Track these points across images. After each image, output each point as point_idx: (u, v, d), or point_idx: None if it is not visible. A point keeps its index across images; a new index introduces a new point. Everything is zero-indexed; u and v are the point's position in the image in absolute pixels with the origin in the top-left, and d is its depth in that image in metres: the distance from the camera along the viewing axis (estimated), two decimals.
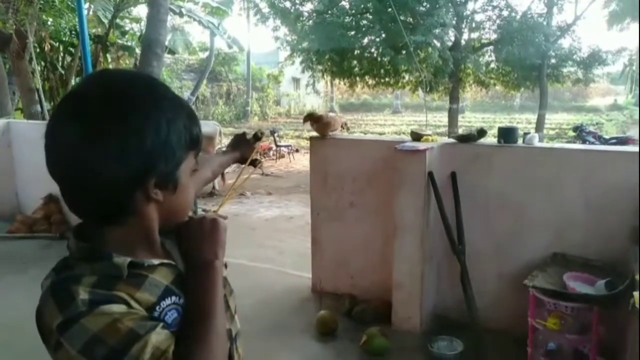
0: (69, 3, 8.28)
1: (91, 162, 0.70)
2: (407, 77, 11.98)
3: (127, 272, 0.73)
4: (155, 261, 0.78)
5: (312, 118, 3.66)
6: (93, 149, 0.69)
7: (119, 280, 0.72)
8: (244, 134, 1.42)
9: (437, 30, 10.29)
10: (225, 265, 0.87)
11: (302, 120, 3.82)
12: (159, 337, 0.69)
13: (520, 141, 3.28)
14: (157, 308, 0.75)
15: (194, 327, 0.75)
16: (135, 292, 0.73)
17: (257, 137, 1.39)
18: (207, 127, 8.00)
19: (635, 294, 2.14)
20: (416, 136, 3.47)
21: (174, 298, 0.78)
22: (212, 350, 0.74)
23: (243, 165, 1.35)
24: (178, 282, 0.80)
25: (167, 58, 16.83)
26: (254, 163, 1.37)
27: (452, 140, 3.51)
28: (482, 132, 3.36)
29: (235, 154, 1.37)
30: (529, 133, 3.31)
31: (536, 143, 3.20)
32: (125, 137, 0.70)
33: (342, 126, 3.85)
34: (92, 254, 0.74)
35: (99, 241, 0.76)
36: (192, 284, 0.80)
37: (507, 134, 3.22)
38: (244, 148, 1.38)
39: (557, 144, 3.87)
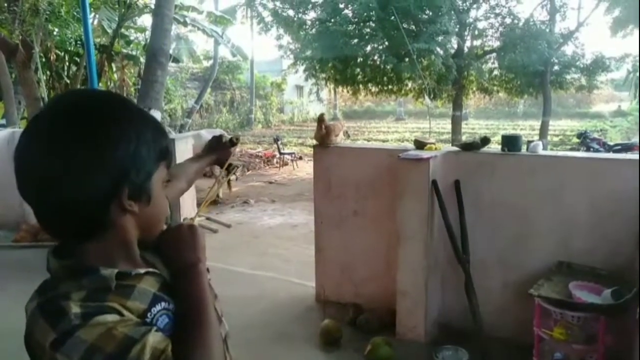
0: (75, 13, 8.36)
1: (62, 181, 0.70)
2: (410, 84, 11.99)
3: (116, 283, 0.74)
4: (142, 270, 0.79)
5: (325, 124, 3.68)
6: (62, 167, 0.70)
7: (108, 292, 0.73)
8: (220, 136, 1.42)
9: (439, 38, 10.32)
10: (207, 270, 0.89)
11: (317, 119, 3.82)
12: (155, 338, 0.70)
13: (524, 149, 3.28)
14: (148, 315, 0.76)
15: (189, 326, 0.77)
16: (126, 302, 0.74)
17: (232, 142, 1.39)
18: (213, 134, 8.02)
19: None
20: (419, 144, 3.47)
21: (163, 304, 0.79)
22: (210, 346, 0.76)
23: (222, 170, 1.36)
24: (164, 289, 0.81)
25: (172, 67, 16.94)
26: (229, 168, 1.37)
27: (455, 148, 3.51)
28: (485, 140, 3.36)
29: (211, 157, 1.37)
30: (532, 141, 3.30)
31: (540, 151, 3.19)
32: (92, 151, 0.71)
33: (343, 133, 3.86)
34: (77, 270, 0.74)
35: (80, 258, 0.76)
36: (181, 288, 0.82)
37: (511, 142, 3.22)
38: (220, 151, 1.38)
39: (561, 152, 3.87)
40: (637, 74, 17.25)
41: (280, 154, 12.52)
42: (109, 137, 0.72)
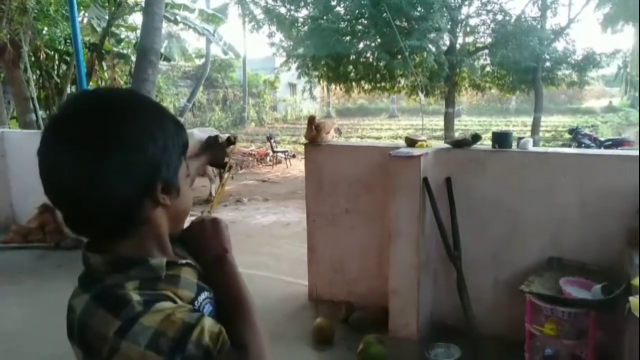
0: (64, 12, 8.27)
1: (100, 184, 0.71)
2: (402, 81, 11.99)
3: (165, 273, 0.77)
4: (183, 260, 0.83)
5: (315, 123, 3.67)
6: (100, 171, 0.71)
7: (159, 281, 0.76)
8: (216, 137, 1.43)
9: (432, 35, 10.32)
10: None
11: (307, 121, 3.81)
12: (209, 322, 0.73)
13: (514, 146, 3.28)
14: (195, 303, 0.79)
15: (234, 310, 0.82)
16: (177, 290, 0.77)
17: (230, 142, 1.41)
18: (205, 133, 8.00)
19: (631, 298, 2.13)
20: (410, 142, 3.46)
21: (206, 293, 0.83)
22: (257, 324, 0.81)
23: (221, 170, 1.38)
24: (202, 279, 0.85)
25: (163, 65, 16.82)
26: (227, 168, 1.40)
27: (446, 145, 3.51)
28: (476, 137, 3.36)
29: (207, 157, 1.39)
30: (523, 137, 3.31)
31: (530, 147, 3.20)
32: (127, 151, 0.72)
33: (335, 130, 3.85)
34: (124, 263, 0.76)
35: (120, 252, 0.78)
36: (217, 278, 0.86)
37: (501, 139, 3.22)
38: (216, 151, 1.40)
39: (551, 149, 3.88)
40: (628, 69, 17.37)
41: (274, 152, 12.50)
42: (138, 135, 0.74)
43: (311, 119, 3.74)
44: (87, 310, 0.72)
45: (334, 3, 11.04)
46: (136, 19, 12.23)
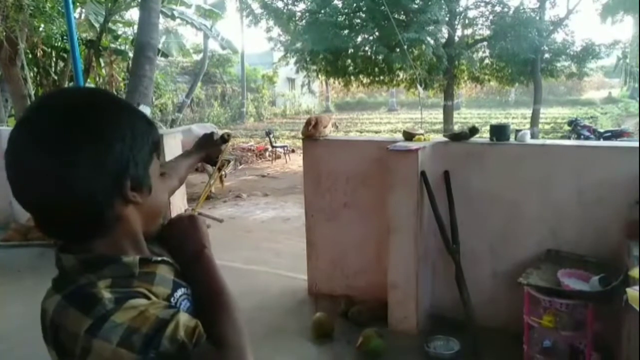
0: (60, 8, 8.23)
1: (69, 183, 0.70)
2: (401, 74, 11.97)
3: (139, 270, 0.76)
4: (158, 257, 0.83)
5: (312, 123, 3.68)
6: (69, 169, 0.70)
7: (132, 278, 0.75)
8: (212, 134, 1.44)
9: (430, 27, 10.29)
10: None
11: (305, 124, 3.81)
12: (184, 317, 0.73)
13: (512, 138, 3.28)
14: (172, 300, 0.79)
15: (212, 306, 0.81)
16: (151, 287, 0.76)
17: (224, 139, 1.42)
18: (204, 129, 7.99)
19: (629, 290, 2.13)
20: (408, 135, 3.46)
21: (183, 289, 0.83)
22: (236, 318, 0.81)
23: (214, 167, 1.42)
24: (179, 276, 0.85)
25: (161, 61, 16.78)
26: (220, 166, 1.42)
27: (444, 139, 3.51)
28: (474, 130, 3.35)
29: (201, 154, 1.40)
30: (520, 130, 3.30)
31: (528, 140, 3.19)
32: (92, 150, 0.71)
33: (332, 125, 3.85)
34: (97, 262, 0.75)
35: (94, 252, 0.77)
36: (196, 275, 0.86)
37: (498, 132, 3.22)
38: (210, 148, 1.42)
39: (549, 141, 3.88)
40: (627, 60, 17.31)
41: (273, 147, 12.48)
42: (106, 133, 0.73)
43: (309, 121, 3.73)
44: (59, 310, 0.71)
45: None
46: (133, 14, 12.19)
